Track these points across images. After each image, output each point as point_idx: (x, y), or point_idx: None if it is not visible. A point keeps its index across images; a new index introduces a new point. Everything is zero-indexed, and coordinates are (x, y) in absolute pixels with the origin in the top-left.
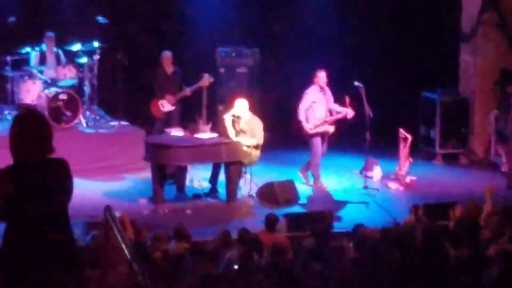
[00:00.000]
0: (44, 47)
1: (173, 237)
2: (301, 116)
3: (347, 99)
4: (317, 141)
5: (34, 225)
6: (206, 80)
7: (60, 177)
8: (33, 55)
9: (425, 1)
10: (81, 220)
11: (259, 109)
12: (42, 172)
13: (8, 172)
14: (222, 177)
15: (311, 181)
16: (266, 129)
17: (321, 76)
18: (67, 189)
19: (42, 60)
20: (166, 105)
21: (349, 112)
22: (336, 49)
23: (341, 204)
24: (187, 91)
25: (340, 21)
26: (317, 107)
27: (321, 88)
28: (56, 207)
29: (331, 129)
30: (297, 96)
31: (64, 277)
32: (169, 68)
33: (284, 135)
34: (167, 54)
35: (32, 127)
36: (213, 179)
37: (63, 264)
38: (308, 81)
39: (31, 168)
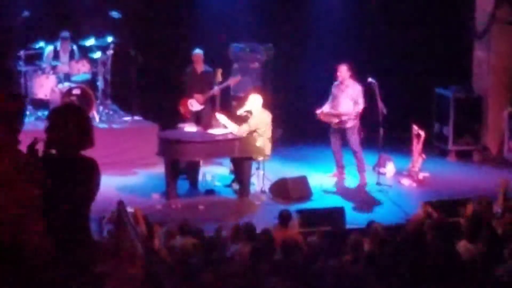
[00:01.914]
0: (58, 45)
1: (179, 233)
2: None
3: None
4: (332, 137)
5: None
6: (234, 79)
7: (87, 177)
8: (47, 50)
9: None
10: (94, 215)
11: (272, 105)
12: (70, 169)
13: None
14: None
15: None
16: (279, 124)
17: (339, 69)
18: (92, 189)
19: (56, 55)
20: (195, 104)
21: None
22: (350, 45)
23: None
24: (216, 90)
25: (354, 17)
26: (335, 100)
27: (341, 82)
28: (78, 206)
29: (334, 120)
30: (311, 91)
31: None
32: (200, 67)
33: (298, 131)
34: (198, 53)
35: (75, 120)
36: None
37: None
38: (321, 76)
39: (61, 164)
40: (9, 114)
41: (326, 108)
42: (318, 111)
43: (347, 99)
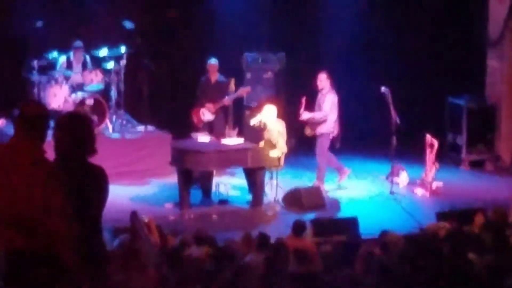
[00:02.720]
0: (71, 55)
1: (194, 242)
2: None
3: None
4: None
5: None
6: (245, 89)
7: (95, 185)
8: (60, 60)
9: (451, 7)
10: (108, 225)
11: (285, 114)
12: (79, 177)
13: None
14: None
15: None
16: (292, 134)
17: (318, 78)
18: (102, 197)
19: (69, 65)
20: (206, 114)
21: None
22: (363, 54)
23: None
24: (226, 100)
25: (367, 26)
26: (318, 109)
27: (320, 90)
28: (89, 214)
29: (307, 130)
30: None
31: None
32: (214, 77)
33: (311, 140)
34: (213, 62)
35: (70, 128)
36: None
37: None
38: (334, 85)
39: (69, 172)
40: (30, 120)
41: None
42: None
43: (317, 107)
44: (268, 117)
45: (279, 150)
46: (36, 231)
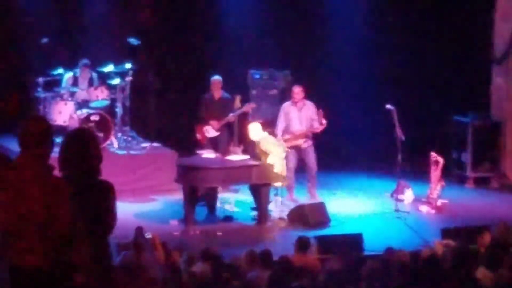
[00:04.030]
0: (78, 71)
1: (200, 259)
2: (277, 130)
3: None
4: (288, 154)
5: None
6: (250, 105)
7: (103, 200)
8: (66, 76)
9: (457, 24)
10: (112, 241)
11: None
12: (86, 193)
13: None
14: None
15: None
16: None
17: (294, 91)
18: (110, 212)
19: (75, 81)
20: (211, 131)
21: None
22: (368, 72)
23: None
24: (231, 116)
25: (372, 44)
26: (289, 120)
27: (295, 103)
28: (97, 231)
29: (301, 142)
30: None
31: None
32: (217, 93)
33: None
34: (216, 79)
35: (75, 146)
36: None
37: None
38: (338, 102)
39: (77, 188)
40: (35, 136)
41: (279, 130)
42: (280, 138)
43: (305, 119)
44: (255, 135)
45: (277, 159)
46: (44, 246)
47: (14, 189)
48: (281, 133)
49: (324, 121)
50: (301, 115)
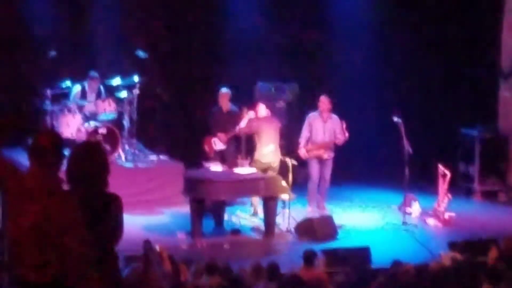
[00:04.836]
0: (86, 84)
1: (205, 272)
2: (301, 138)
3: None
4: (311, 164)
5: None
6: (248, 112)
7: (111, 212)
8: (75, 89)
9: (464, 37)
10: (120, 254)
11: (297, 144)
12: (94, 205)
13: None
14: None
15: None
16: (305, 164)
17: (322, 101)
18: (117, 225)
19: (83, 94)
20: (218, 143)
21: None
22: (375, 84)
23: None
24: (238, 129)
25: (379, 56)
26: (314, 131)
27: (321, 113)
28: (105, 243)
29: (323, 153)
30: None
31: None
32: (226, 106)
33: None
34: (224, 92)
35: (82, 159)
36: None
37: None
38: (346, 115)
39: (85, 200)
40: (45, 150)
41: (303, 138)
42: (303, 149)
43: (329, 130)
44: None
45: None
46: (53, 258)
47: (23, 201)
48: (305, 142)
49: (347, 134)
50: (326, 127)
